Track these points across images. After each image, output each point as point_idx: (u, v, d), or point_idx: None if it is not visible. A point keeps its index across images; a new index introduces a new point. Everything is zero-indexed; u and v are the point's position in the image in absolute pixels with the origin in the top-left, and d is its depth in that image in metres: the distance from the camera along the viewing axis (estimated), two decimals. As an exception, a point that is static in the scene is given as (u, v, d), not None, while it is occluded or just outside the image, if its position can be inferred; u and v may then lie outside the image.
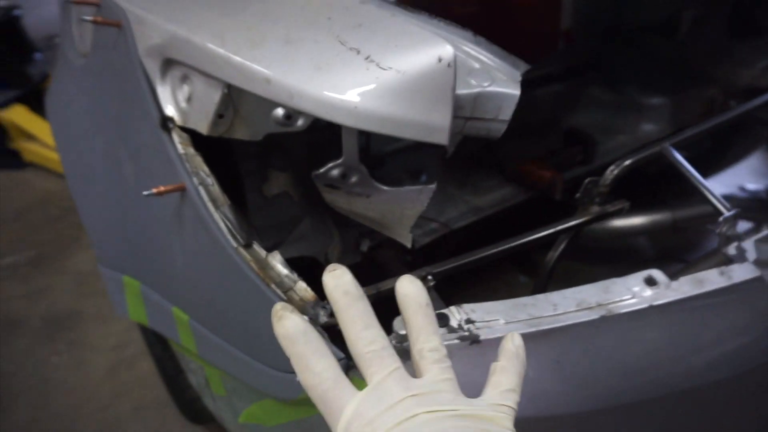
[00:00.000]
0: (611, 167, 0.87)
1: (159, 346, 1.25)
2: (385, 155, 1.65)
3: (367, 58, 0.58)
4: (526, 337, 0.66)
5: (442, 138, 0.58)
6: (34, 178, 3.05)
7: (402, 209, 0.86)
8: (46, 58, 3.33)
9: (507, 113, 0.63)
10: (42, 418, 1.77)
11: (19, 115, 2.98)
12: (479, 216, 1.49)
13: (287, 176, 1.11)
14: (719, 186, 1.87)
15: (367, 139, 1.22)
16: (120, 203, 0.94)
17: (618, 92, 1.92)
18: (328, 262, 1.20)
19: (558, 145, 1.70)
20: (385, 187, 0.84)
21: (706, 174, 1.73)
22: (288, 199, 1.11)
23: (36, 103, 2.98)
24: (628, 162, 0.89)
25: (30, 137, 2.98)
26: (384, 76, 0.57)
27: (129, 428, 1.73)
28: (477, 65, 0.65)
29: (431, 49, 0.56)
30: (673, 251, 1.74)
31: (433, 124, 0.57)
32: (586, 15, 2.11)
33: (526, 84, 0.63)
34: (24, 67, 3.22)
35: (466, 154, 1.66)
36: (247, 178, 1.02)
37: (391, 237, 0.88)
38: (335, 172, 0.81)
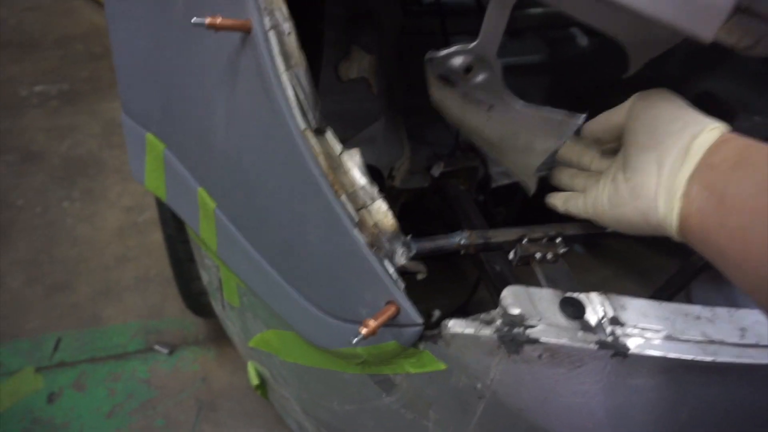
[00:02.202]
0: None
1: (174, 224, 1.07)
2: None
3: None
4: (693, 367, 0.45)
5: (706, 26, 0.33)
6: (83, 7, 2.83)
7: (529, 138, 0.62)
8: None
9: (803, 19, 0.37)
10: (42, 261, 1.66)
11: (78, -66, 2.71)
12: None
13: (372, 60, 0.87)
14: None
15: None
16: (161, 36, 0.71)
17: (768, 64, 1.58)
18: (392, 179, 0.98)
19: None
20: (517, 102, 0.60)
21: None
22: (366, 89, 0.88)
23: (99, -76, 2.70)
24: None
25: (86, -39, 2.73)
26: None
27: (126, 297, 1.60)
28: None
29: None
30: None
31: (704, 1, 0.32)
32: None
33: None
34: None
35: (575, 94, 1.38)
36: (327, 48, 0.78)
37: (511, 173, 0.65)
38: (458, 61, 0.57)
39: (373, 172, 0.94)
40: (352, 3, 0.78)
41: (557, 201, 0.59)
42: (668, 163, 0.44)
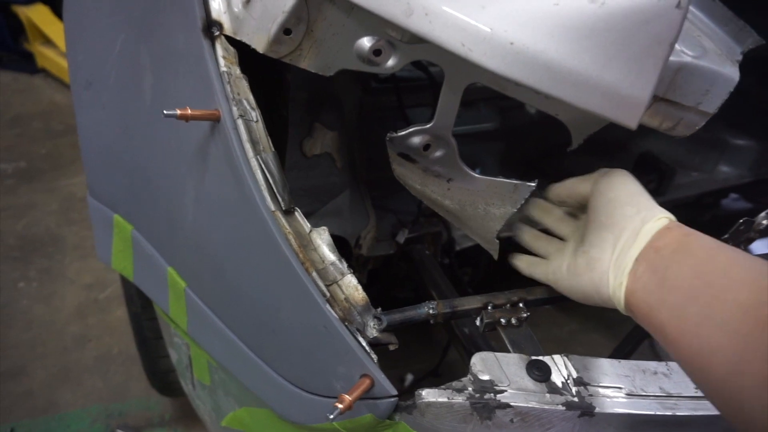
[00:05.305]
0: (766, 212, 0.67)
1: (139, 301, 1.06)
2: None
3: (545, -27, 0.37)
4: (655, 422, 0.47)
5: (630, 116, 0.38)
6: (43, 86, 2.84)
7: (487, 205, 0.66)
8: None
9: (714, 103, 0.43)
10: (-6, 347, 1.59)
11: (40, 15, 2.76)
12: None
13: (334, 136, 0.91)
14: None
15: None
16: (128, 123, 0.74)
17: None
18: (359, 248, 1.00)
19: (627, 168, 1.50)
20: (473, 173, 0.64)
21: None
22: (330, 163, 0.92)
23: (60, 6, 2.76)
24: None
25: (47, 41, 2.76)
26: (566, 5, 0.37)
27: (86, 379, 1.54)
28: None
29: (655, -24, 0.36)
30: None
31: (626, 93, 0.37)
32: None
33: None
34: (56, -34, 2.99)
35: (526, 159, 1.46)
36: (292, 128, 0.82)
37: (474, 239, 0.68)
38: (417, 140, 0.61)
39: (340, 242, 0.96)
40: (314, 85, 0.83)
41: (521, 264, 0.63)
42: (621, 242, 0.49)
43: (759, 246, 0.94)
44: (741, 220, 0.65)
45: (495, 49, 0.39)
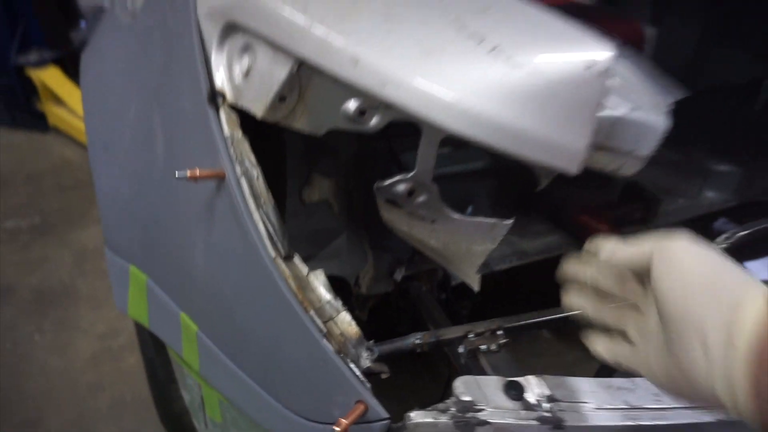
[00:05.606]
0: (724, 236, 0.73)
1: (153, 347, 1.12)
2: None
3: (493, 50, 0.45)
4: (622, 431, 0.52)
5: (571, 164, 0.45)
6: (54, 143, 2.96)
7: (469, 243, 0.72)
8: (90, 28, 3.26)
9: (647, 148, 0.50)
10: (11, 399, 1.63)
11: (52, 77, 2.90)
12: (523, 260, 1.35)
13: (331, 183, 0.99)
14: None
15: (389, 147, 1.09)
16: (142, 182, 0.82)
17: (684, 153, 1.78)
18: (358, 287, 1.06)
19: (615, 197, 1.57)
20: (454, 215, 0.71)
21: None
22: (327, 210, 0.99)
23: (71, 68, 2.91)
24: (743, 233, 0.75)
25: (59, 101, 2.90)
26: (512, 76, 0.44)
27: (101, 428, 1.58)
28: (616, 82, 0.52)
29: (581, 51, 0.43)
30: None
31: (565, 146, 0.44)
32: (662, 65, 1.99)
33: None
34: (67, 31, 3.16)
35: (518, 193, 1.53)
36: (290, 179, 0.89)
37: (456, 274, 0.74)
38: (401, 188, 0.68)
39: (340, 283, 1.02)
40: (310, 137, 0.91)
41: (601, 349, 0.49)
42: (714, 345, 0.38)
43: (758, 267, 0.99)
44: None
45: (457, 114, 0.46)
